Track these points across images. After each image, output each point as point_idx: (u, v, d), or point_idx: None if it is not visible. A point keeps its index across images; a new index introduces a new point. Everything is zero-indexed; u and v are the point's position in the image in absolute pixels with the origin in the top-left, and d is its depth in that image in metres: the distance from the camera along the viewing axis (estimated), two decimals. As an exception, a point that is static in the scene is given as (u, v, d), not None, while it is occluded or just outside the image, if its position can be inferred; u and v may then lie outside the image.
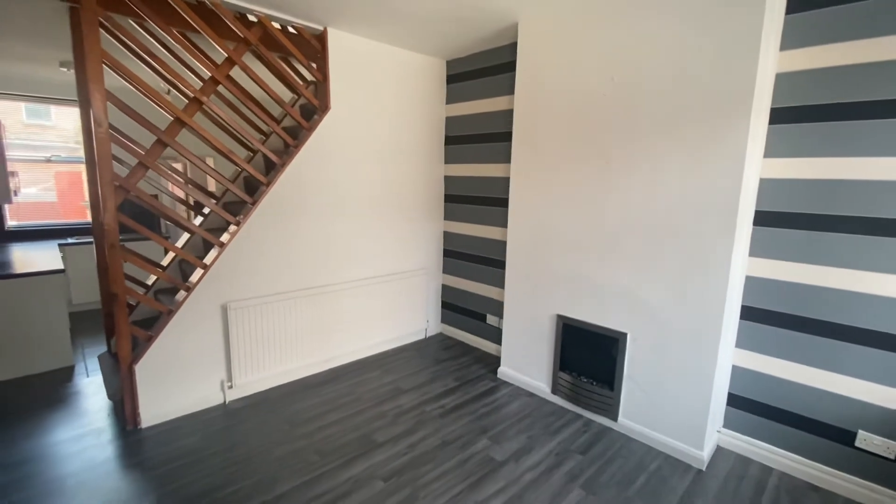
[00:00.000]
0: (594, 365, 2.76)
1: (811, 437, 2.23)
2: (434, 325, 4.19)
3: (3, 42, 3.33)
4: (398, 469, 2.28)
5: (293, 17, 2.83)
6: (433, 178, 3.93)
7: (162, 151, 2.47)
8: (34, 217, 4.97)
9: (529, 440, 2.55)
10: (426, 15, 2.77)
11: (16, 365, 3.21)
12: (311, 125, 3.06)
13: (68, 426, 2.61)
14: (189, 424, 2.64)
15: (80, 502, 2.00)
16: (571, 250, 2.76)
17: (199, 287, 2.67)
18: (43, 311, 3.27)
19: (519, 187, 3.03)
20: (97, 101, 2.18)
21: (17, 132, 4.94)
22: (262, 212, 2.88)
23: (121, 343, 2.42)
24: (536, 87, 2.85)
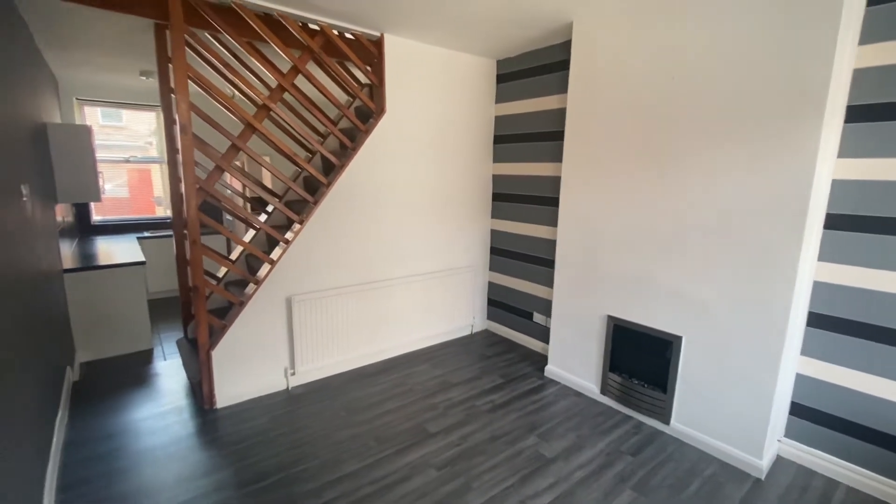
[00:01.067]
0: (646, 367, 2.74)
1: (882, 451, 2.13)
2: (480, 322, 4.27)
3: (93, 54, 3.67)
4: (451, 459, 2.38)
5: (353, 25, 2.96)
6: (481, 177, 3.99)
7: (236, 155, 2.67)
8: (112, 212, 5.46)
9: (579, 439, 2.58)
10: (481, 18, 2.83)
11: (103, 346, 3.58)
12: (368, 128, 3.20)
13: (152, 404, 2.90)
14: (257, 407, 2.86)
15: (170, 473, 2.24)
16: (624, 251, 2.75)
17: (267, 281, 2.87)
18: (127, 298, 3.61)
19: (570, 186, 3.03)
20: (183, 110, 2.40)
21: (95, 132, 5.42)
22: (322, 211, 3.05)
23: (200, 331, 2.66)
24: (590, 86, 2.84)
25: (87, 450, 2.39)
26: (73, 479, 2.17)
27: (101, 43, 3.35)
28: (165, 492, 2.10)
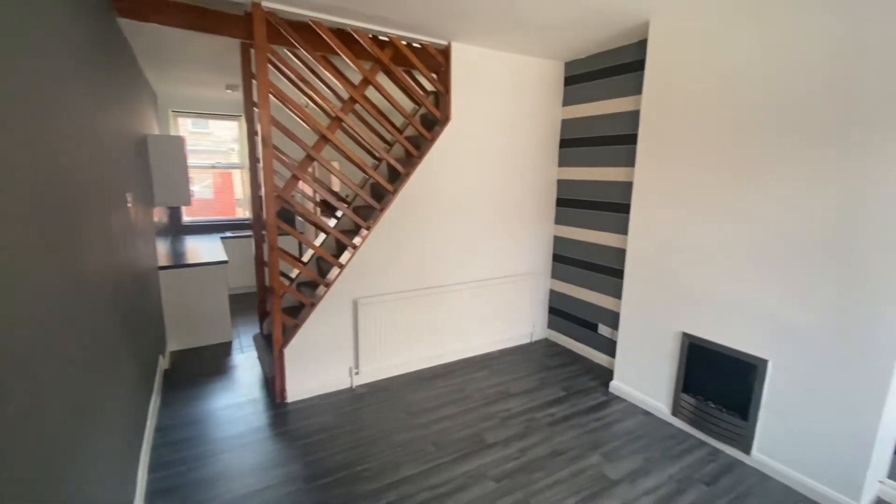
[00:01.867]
0: (725, 390, 2.53)
1: None
2: (540, 330, 4.17)
3: (186, 71, 4.04)
4: (509, 472, 2.34)
5: (421, 35, 3.01)
6: (545, 182, 3.90)
7: (310, 164, 2.81)
8: (199, 213, 5.97)
9: (646, 462, 2.44)
10: (553, 22, 2.76)
11: (189, 337, 3.92)
12: (433, 135, 3.24)
13: (231, 394, 3.13)
14: (323, 403, 3.00)
15: (245, 461, 2.41)
16: (704, 264, 2.56)
17: (336, 283, 3.00)
18: (211, 294, 3.93)
19: (643, 193, 2.88)
20: (264, 123, 2.57)
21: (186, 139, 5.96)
22: (388, 217, 3.13)
23: (274, 328, 2.83)
24: (667, 88, 2.67)
25: (175, 434, 2.63)
26: (162, 460, 2.39)
27: (194, 61, 3.67)
28: (241, 479, 2.26)
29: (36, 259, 1.10)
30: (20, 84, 1.09)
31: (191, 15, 2.59)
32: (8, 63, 1.03)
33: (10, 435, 0.89)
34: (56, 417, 1.15)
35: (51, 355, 1.15)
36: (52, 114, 1.32)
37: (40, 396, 1.06)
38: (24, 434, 0.95)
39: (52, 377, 1.15)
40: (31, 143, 1.13)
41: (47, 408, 1.10)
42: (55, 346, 1.18)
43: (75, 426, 1.29)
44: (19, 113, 1.07)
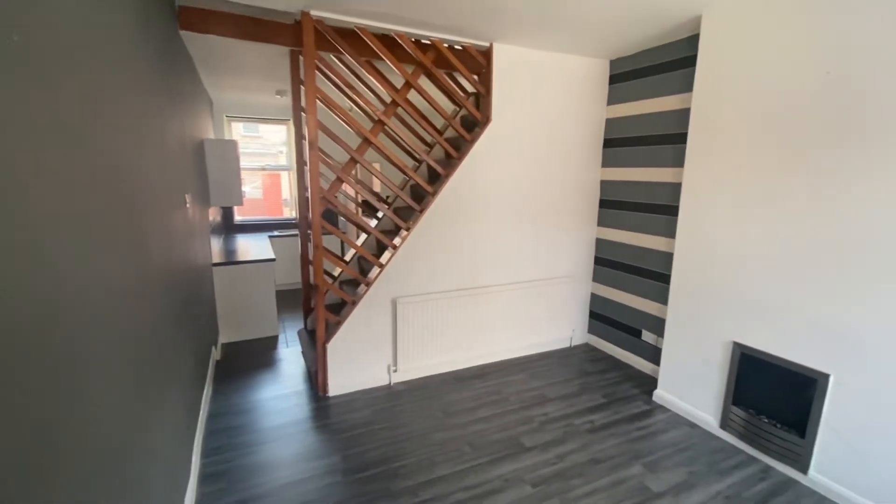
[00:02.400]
0: (779, 404, 2.39)
1: None
2: (580, 335, 4.08)
3: (240, 78, 4.26)
4: (546, 477, 2.31)
5: (464, 38, 3.02)
6: (588, 183, 3.81)
7: (354, 167, 2.90)
8: (249, 213, 6.27)
9: (691, 476, 2.34)
10: (600, 19, 2.70)
11: (239, 331, 4.13)
12: (473, 137, 3.25)
13: (277, 385, 3.27)
14: (363, 399, 3.08)
15: (289, 451, 2.51)
16: (759, 268, 2.42)
17: (376, 282, 3.08)
18: (259, 290, 4.13)
19: (693, 194, 2.75)
20: (311, 128, 2.67)
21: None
22: (428, 218, 3.17)
23: (318, 324, 2.94)
24: (721, 85, 2.55)
25: (225, 421, 2.79)
26: (213, 446, 2.54)
27: (247, 68, 3.87)
28: (285, 469, 2.36)
29: (105, 255, 1.20)
30: (98, 93, 1.20)
31: (245, 25, 2.74)
32: (87, 74, 1.13)
33: (85, 420, 0.99)
34: (123, 403, 1.25)
35: (118, 345, 1.25)
36: (123, 119, 1.43)
37: (110, 384, 1.16)
38: (96, 418, 1.05)
39: (120, 366, 1.25)
40: (105, 147, 1.24)
41: (115, 394, 1.20)
42: (123, 336, 1.29)
43: (140, 412, 1.39)
44: (97, 119, 1.18)
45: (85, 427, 0.97)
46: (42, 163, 0.86)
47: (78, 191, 1.02)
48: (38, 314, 0.80)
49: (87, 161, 1.09)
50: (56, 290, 0.88)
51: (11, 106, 0.77)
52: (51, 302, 0.85)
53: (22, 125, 0.79)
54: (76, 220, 1.00)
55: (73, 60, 1.04)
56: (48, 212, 0.86)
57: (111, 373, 1.16)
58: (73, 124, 1.01)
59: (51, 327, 0.85)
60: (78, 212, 1.01)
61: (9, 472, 0.69)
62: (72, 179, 0.99)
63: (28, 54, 0.83)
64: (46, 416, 0.81)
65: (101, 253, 1.15)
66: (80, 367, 0.97)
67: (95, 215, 1.12)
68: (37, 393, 0.78)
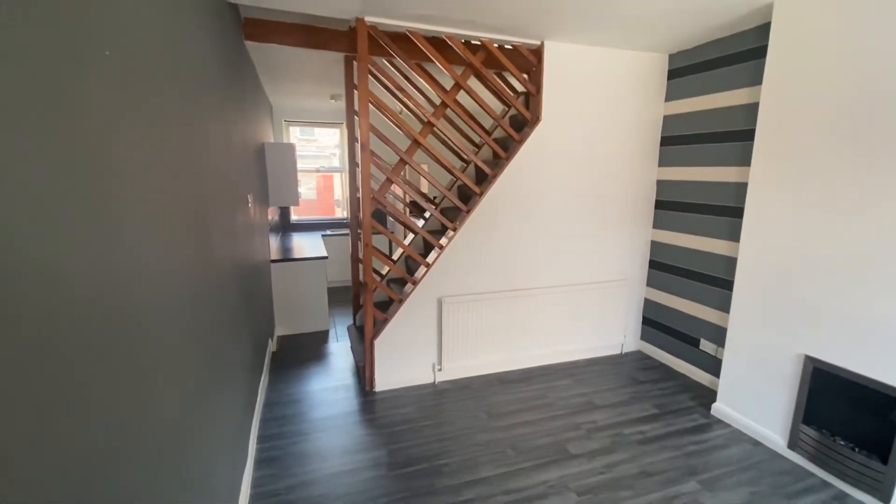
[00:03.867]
0: (858, 426, 2.17)
1: None
2: (632, 342, 3.92)
3: (298, 84, 4.47)
4: (593, 487, 2.24)
5: (514, 37, 3.00)
6: (643, 183, 3.65)
7: (403, 168, 2.95)
8: (304, 213, 6.56)
9: (753, 497, 2.18)
10: (660, 12, 2.58)
11: (293, 324, 4.33)
12: (522, 137, 3.21)
13: (327, 378, 3.40)
14: (408, 395, 3.13)
15: (337, 442, 2.61)
16: (835, 276, 2.21)
17: (423, 282, 3.12)
18: (312, 285, 4.31)
19: (760, 195, 2.57)
20: (363, 131, 2.75)
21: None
22: (474, 219, 3.17)
23: (367, 321, 3.02)
24: (795, 77, 2.35)
25: (279, 410, 2.93)
26: (267, 433, 2.68)
27: (304, 74, 4.05)
28: (333, 459, 2.45)
29: (179, 250, 1.30)
30: (174, 100, 1.30)
31: (303, 33, 2.87)
32: (165, 84, 1.24)
33: (157, 405, 1.08)
34: (192, 390, 1.35)
35: (189, 336, 1.35)
36: (195, 124, 1.55)
37: (181, 373, 1.26)
38: (168, 404, 1.14)
39: (189, 356, 1.35)
40: (180, 149, 1.34)
41: (186, 382, 1.30)
42: (193, 327, 1.39)
43: (206, 398, 1.50)
44: (173, 124, 1.28)
45: (157, 412, 1.06)
46: (125, 163, 0.95)
47: (154, 189, 1.12)
48: (117, 306, 0.89)
49: (164, 162, 1.19)
50: (135, 283, 0.97)
51: (98, 112, 0.85)
52: (130, 294, 0.94)
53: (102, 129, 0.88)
54: (154, 217, 1.09)
55: (149, 71, 1.13)
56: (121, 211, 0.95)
57: (182, 362, 1.26)
58: (151, 129, 1.11)
59: (129, 319, 0.93)
60: (155, 210, 1.11)
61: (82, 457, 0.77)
62: (149, 178, 1.09)
63: (117, 66, 0.92)
64: (122, 400, 0.89)
65: (176, 248, 1.25)
66: (153, 358, 1.06)
67: (171, 213, 1.22)
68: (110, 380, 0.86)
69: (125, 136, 0.95)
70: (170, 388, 1.15)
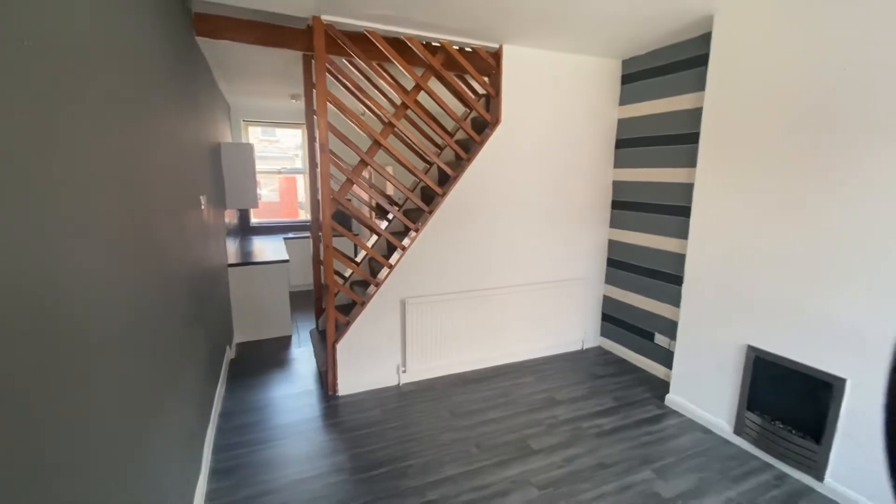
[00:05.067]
0: (795, 410, 2.32)
1: None
2: (592, 338, 4.04)
3: (256, 83, 4.36)
4: (553, 481, 2.30)
5: (473, 39, 3.04)
6: (600, 184, 3.77)
7: (364, 169, 2.93)
8: (266, 215, 6.38)
9: (702, 482, 2.29)
10: (610, 18, 2.68)
11: (253, 330, 4.20)
12: (483, 138, 3.25)
13: (288, 384, 3.32)
14: (371, 398, 3.10)
15: (299, 449, 2.55)
16: (773, 271, 2.36)
17: (385, 283, 3.10)
18: (273, 290, 4.19)
19: (705, 195, 2.71)
20: (322, 130, 2.71)
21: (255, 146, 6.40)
22: (437, 219, 3.18)
23: (328, 324, 2.98)
24: (734, 83, 2.50)
25: (237, 419, 2.84)
26: (224, 442, 2.59)
27: (261, 73, 3.96)
28: (293, 466, 2.39)
29: (118, 253, 1.24)
30: (110, 95, 1.24)
31: (258, 31, 2.80)
32: (100, 77, 1.18)
33: (92, 416, 1.02)
34: (132, 401, 1.29)
35: (130, 342, 1.29)
36: (137, 122, 1.48)
37: (119, 381, 1.20)
38: (104, 415, 1.08)
39: (131, 362, 1.29)
40: (118, 147, 1.28)
41: (125, 391, 1.24)
42: (134, 333, 1.33)
43: (151, 408, 1.44)
44: (110, 120, 1.22)
45: (93, 423, 1.01)
46: (52, 163, 0.90)
47: (89, 190, 1.06)
48: (46, 311, 0.84)
49: (99, 161, 1.13)
50: (65, 288, 0.91)
51: (24, 107, 0.81)
52: (59, 300, 0.89)
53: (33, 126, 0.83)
54: (86, 219, 1.04)
55: (85, 63, 1.08)
56: (58, 211, 0.90)
57: (123, 371, 1.20)
58: (84, 126, 1.06)
59: (58, 324, 0.88)
60: (89, 211, 1.05)
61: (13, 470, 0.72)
62: (82, 179, 1.03)
63: (41, 58, 0.87)
64: (51, 413, 0.84)
65: (113, 251, 1.19)
66: (87, 364, 1.00)
67: (107, 214, 1.16)
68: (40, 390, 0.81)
69: (53, 132, 0.90)
70: (110, 398, 1.10)
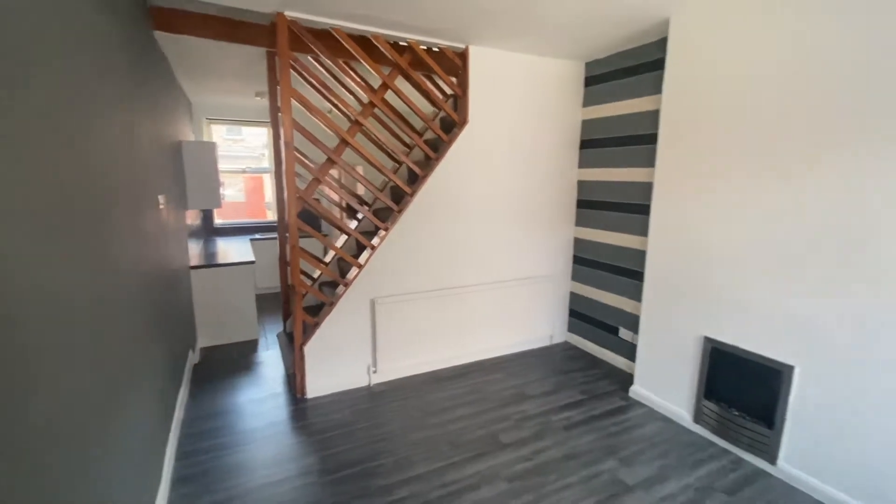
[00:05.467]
0: (749, 397, 2.44)
1: None
2: (560, 334, 4.13)
3: (219, 80, 4.23)
4: (522, 473, 2.34)
5: (439, 39, 3.06)
6: (565, 184, 3.86)
7: (331, 167, 2.90)
8: (232, 216, 6.21)
9: (664, 469, 2.38)
10: (571, 21, 2.75)
11: (218, 334, 4.08)
12: (451, 138, 3.28)
13: (255, 389, 3.25)
14: (342, 400, 3.07)
15: (266, 453, 2.50)
16: (726, 265, 2.48)
17: (355, 283, 3.08)
18: (239, 292, 4.09)
19: (663, 194, 2.82)
20: (287, 128, 2.67)
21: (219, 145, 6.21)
22: (406, 218, 3.18)
23: (295, 326, 2.92)
24: (688, 86, 2.62)
25: (201, 425, 2.75)
26: (187, 449, 2.51)
27: (225, 70, 3.85)
28: (261, 470, 2.34)
29: (67, 254, 1.19)
30: (59, 90, 1.19)
31: (220, 27, 2.73)
32: (47, 69, 1.13)
33: (41, 426, 0.98)
34: (86, 409, 1.23)
35: (81, 349, 1.24)
36: (87, 118, 1.42)
37: (69, 389, 1.15)
38: (54, 424, 1.04)
39: (81, 370, 1.24)
40: (66, 143, 1.23)
41: (76, 399, 1.18)
42: (87, 339, 1.28)
43: (106, 416, 1.38)
44: (57, 116, 1.17)
45: (43, 431, 0.96)
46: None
47: (33, 189, 1.01)
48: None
49: (46, 158, 1.08)
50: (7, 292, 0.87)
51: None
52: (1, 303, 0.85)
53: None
54: (29, 219, 0.99)
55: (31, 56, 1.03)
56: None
57: (71, 377, 1.15)
58: (30, 120, 1.01)
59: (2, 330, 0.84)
60: (32, 210, 1.01)
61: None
62: (26, 177, 0.98)
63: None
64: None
65: (62, 252, 1.14)
66: (37, 370, 0.96)
67: (53, 215, 1.11)
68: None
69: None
70: (57, 407, 1.05)
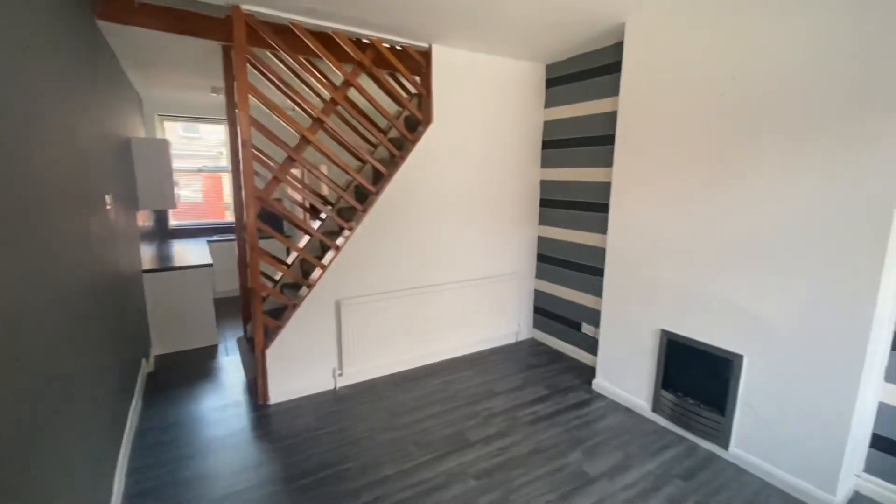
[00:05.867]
0: (703, 386, 2.57)
1: None
2: (525, 330, 4.20)
3: (170, 74, 4.04)
4: (489, 470, 2.36)
5: (402, 38, 3.04)
6: (528, 183, 3.93)
7: (292, 166, 2.82)
8: (189, 217, 5.95)
9: (626, 458, 2.47)
10: (529, 23, 2.80)
11: (174, 341, 3.90)
12: (415, 137, 3.26)
13: (214, 396, 3.12)
14: (306, 405, 3.00)
15: (227, 463, 2.40)
16: (680, 261, 2.59)
17: (318, 284, 3.01)
18: (196, 297, 3.92)
19: (621, 193, 2.91)
20: (244, 125, 2.58)
21: (175, 143, 5.94)
22: (371, 218, 3.15)
23: (256, 331, 2.83)
24: (644, 89, 2.72)
25: (156, 436, 2.62)
26: (142, 463, 2.38)
27: (177, 64, 3.67)
28: (222, 481, 2.25)
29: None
30: (-18, 84, 1.10)
31: (170, 18, 2.61)
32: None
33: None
34: (22, 424, 1.15)
35: (16, 360, 1.15)
36: (16, 112, 1.32)
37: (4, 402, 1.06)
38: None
39: (20, 383, 1.15)
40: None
41: (12, 413, 1.10)
42: (20, 350, 1.19)
43: (43, 432, 1.28)
44: (-19, 112, 1.08)
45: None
46: None
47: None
48: None
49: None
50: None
51: None
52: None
53: None
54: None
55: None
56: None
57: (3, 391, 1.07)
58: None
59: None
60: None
61: None
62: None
63: None
64: None
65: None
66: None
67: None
68: None
69: None
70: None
